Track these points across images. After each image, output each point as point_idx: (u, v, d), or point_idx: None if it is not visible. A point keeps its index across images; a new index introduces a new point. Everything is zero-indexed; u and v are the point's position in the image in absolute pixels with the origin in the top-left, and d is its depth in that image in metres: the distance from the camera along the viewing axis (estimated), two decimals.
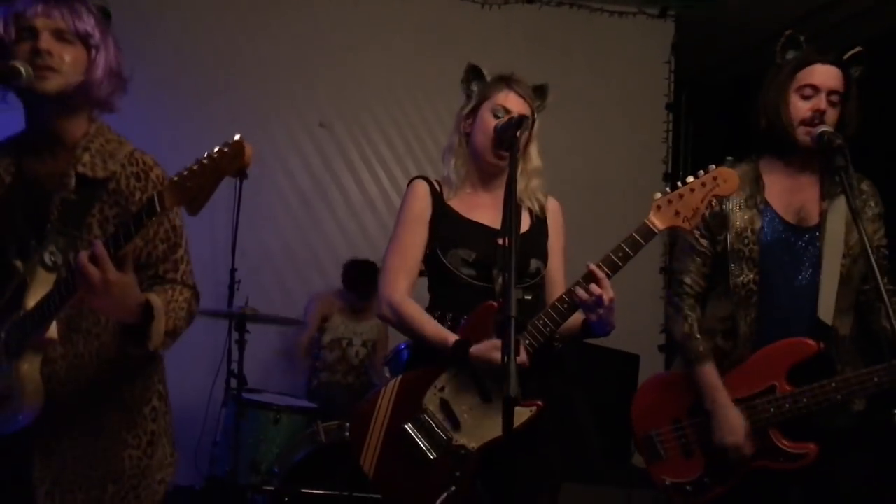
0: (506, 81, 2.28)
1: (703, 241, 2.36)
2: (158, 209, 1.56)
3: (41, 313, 1.69)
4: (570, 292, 2.03)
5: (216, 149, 1.52)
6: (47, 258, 1.73)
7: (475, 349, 2.05)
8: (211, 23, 5.01)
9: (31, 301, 1.71)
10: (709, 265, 2.37)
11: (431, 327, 2.17)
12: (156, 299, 1.75)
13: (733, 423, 2.22)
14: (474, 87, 2.32)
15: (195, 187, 1.53)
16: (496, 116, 2.23)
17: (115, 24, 1.90)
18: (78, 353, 1.80)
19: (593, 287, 1.99)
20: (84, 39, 1.80)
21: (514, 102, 2.24)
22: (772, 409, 2.22)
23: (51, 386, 1.73)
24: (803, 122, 2.25)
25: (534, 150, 2.31)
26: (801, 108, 2.26)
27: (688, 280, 2.37)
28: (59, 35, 1.77)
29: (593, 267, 2.01)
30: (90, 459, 1.81)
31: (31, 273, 1.74)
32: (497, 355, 1.95)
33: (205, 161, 1.52)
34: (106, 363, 1.83)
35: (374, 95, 5.21)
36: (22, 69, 1.71)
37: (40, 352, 1.73)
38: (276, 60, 5.06)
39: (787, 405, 2.20)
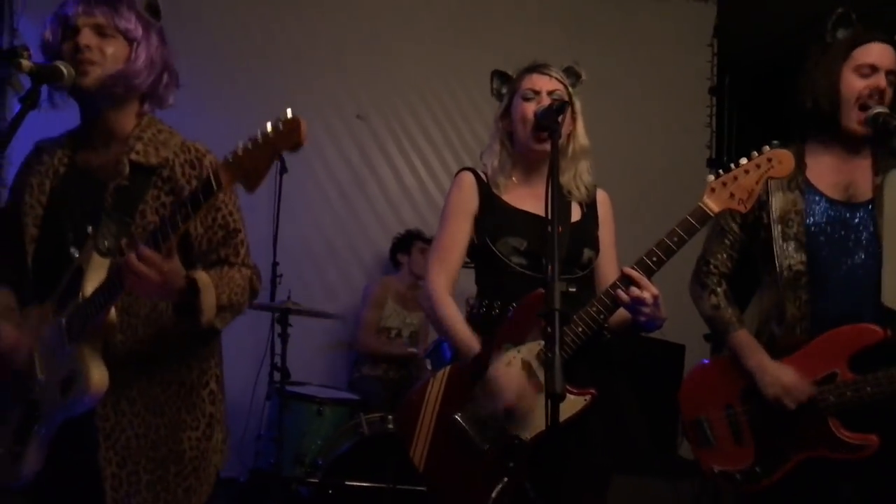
0: (528, 69, 2.27)
1: (733, 225, 2.32)
2: (215, 187, 1.59)
3: (101, 298, 1.73)
4: (609, 293, 2.00)
5: (270, 126, 1.53)
6: (101, 244, 1.78)
7: (494, 371, 2.04)
8: (245, 15, 5.02)
9: (89, 286, 1.76)
10: (737, 249, 2.34)
11: (462, 333, 2.15)
12: (202, 275, 1.79)
13: (780, 371, 2.17)
14: (504, 90, 2.32)
15: (250, 165, 1.55)
16: (526, 99, 2.21)
17: None
18: (138, 338, 1.85)
19: (633, 289, 1.95)
20: (124, 34, 1.86)
21: (539, 82, 2.22)
22: (832, 398, 2.14)
23: (113, 370, 1.76)
24: (859, 102, 2.17)
25: (580, 128, 2.28)
26: (857, 85, 2.18)
27: (714, 260, 2.35)
28: (100, 31, 1.84)
29: (628, 270, 1.97)
30: (153, 441, 1.85)
31: (87, 259, 1.79)
32: (511, 388, 1.99)
33: (259, 139, 1.54)
34: (165, 346, 1.88)
35: (411, 85, 5.20)
36: (64, 69, 1.78)
37: (102, 335, 1.77)
38: (311, 52, 5.07)
39: (848, 393, 2.12)
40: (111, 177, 1.86)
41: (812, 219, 2.22)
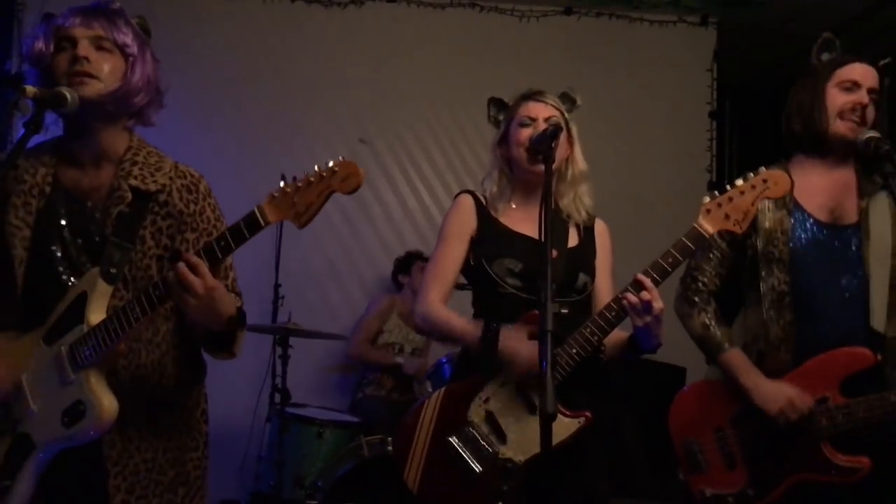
0: (525, 96, 2.30)
1: (721, 242, 2.32)
2: (262, 223, 1.62)
3: (114, 326, 1.70)
4: (618, 298, 2.00)
5: (325, 166, 1.58)
6: (108, 271, 1.76)
7: (504, 340, 2.05)
8: (249, 39, 5.08)
9: (94, 314, 1.74)
10: (726, 266, 2.34)
11: (460, 323, 2.17)
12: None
13: (778, 385, 2.17)
14: (500, 117, 2.34)
15: (302, 203, 1.59)
16: (522, 125, 2.23)
17: (152, 40, 1.93)
18: (140, 363, 1.84)
19: (643, 293, 1.97)
20: (122, 49, 1.82)
21: (535, 109, 2.24)
22: (824, 422, 2.15)
23: (118, 396, 1.74)
24: (841, 114, 2.21)
25: (577, 153, 2.30)
26: (840, 99, 2.23)
27: (702, 277, 2.35)
28: (98, 44, 1.80)
29: (641, 276, 1.98)
30: (160, 465, 1.85)
31: (91, 286, 1.76)
32: (524, 349, 1.98)
33: (312, 178, 1.58)
34: (166, 371, 1.88)
35: (413, 110, 5.24)
36: (67, 95, 1.71)
37: (109, 364, 1.76)
38: (315, 76, 5.12)
39: (840, 417, 2.13)
40: (110, 202, 1.82)
41: (798, 240, 2.24)
